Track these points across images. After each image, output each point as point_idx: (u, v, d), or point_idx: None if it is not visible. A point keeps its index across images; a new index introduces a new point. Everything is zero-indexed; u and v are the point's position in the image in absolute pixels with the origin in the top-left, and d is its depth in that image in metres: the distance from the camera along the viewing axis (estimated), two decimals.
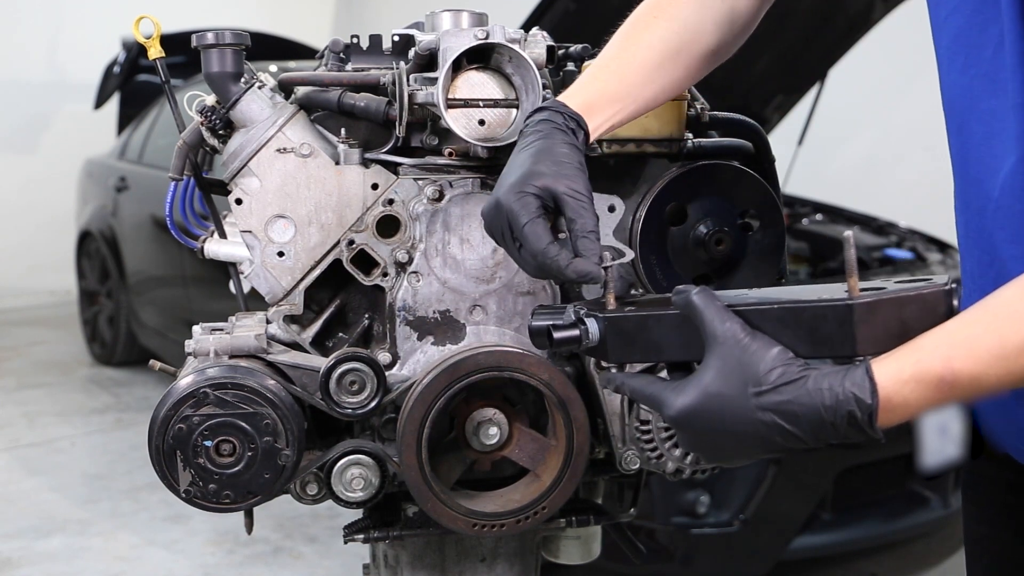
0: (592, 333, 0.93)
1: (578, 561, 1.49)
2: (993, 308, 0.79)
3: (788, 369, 0.82)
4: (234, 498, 1.16)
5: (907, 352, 0.80)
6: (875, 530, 2.90)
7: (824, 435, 0.81)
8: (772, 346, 0.84)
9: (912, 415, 0.80)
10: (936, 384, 0.78)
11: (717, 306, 0.86)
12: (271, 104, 1.24)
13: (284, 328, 1.25)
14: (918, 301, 0.82)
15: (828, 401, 0.80)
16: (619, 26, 1.21)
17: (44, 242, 7.77)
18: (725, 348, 0.84)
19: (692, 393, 0.85)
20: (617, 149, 1.19)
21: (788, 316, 0.85)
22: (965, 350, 0.77)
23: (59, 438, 4.61)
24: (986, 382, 0.78)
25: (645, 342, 0.91)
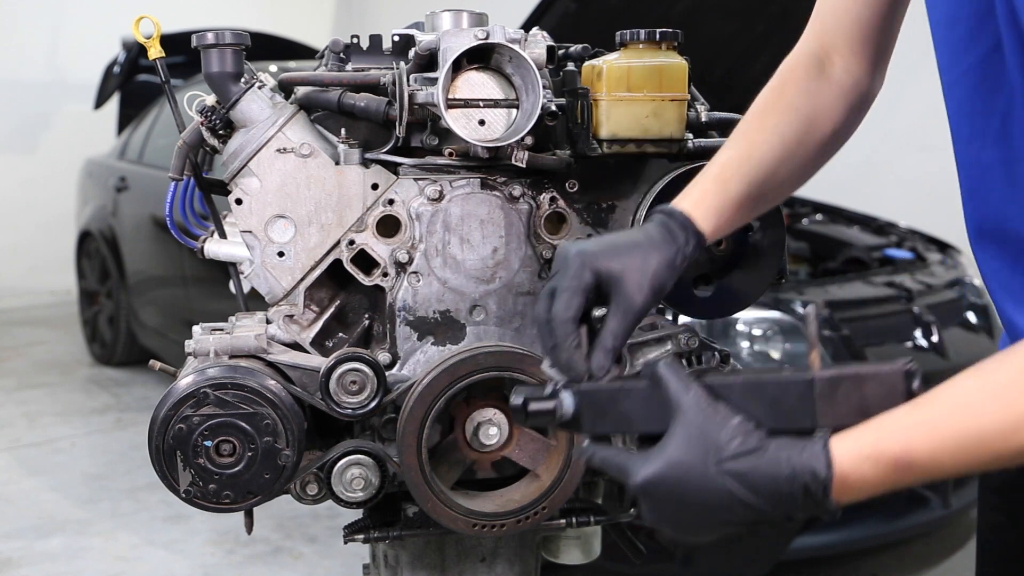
0: (566, 406, 0.95)
1: (578, 561, 1.49)
2: (955, 395, 0.80)
3: (748, 439, 0.84)
4: (234, 498, 1.16)
5: (867, 431, 0.81)
6: (875, 530, 2.90)
7: (783, 506, 0.82)
8: (734, 415, 0.85)
9: (869, 493, 0.82)
10: (893, 465, 0.80)
11: (681, 377, 0.88)
12: (271, 104, 1.24)
13: (284, 328, 1.25)
14: (877, 379, 0.85)
15: (785, 472, 0.81)
16: (619, 26, 1.21)
17: (44, 242, 7.77)
18: (688, 417, 0.86)
19: (655, 462, 0.86)
20: (617, 149, 1.19)
21: (751, 389, 0.87)
22: (924, 435, 0.79)
23: (59, 438, 4.61)
24: (942, 467, 0.79)
25: (616, 414, 0.94)
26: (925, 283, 3.31)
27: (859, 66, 1.15)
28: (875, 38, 1.14)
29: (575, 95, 1.21)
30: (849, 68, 1.14)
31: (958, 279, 3.48)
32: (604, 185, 1.28)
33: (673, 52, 1.20)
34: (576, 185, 1.27)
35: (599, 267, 0.96)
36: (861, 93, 1.15)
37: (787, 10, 3.47)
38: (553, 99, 1.20)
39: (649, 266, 0.98)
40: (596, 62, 1.19)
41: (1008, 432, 0.77)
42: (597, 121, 1.19)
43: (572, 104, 1.22)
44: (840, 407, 0.85)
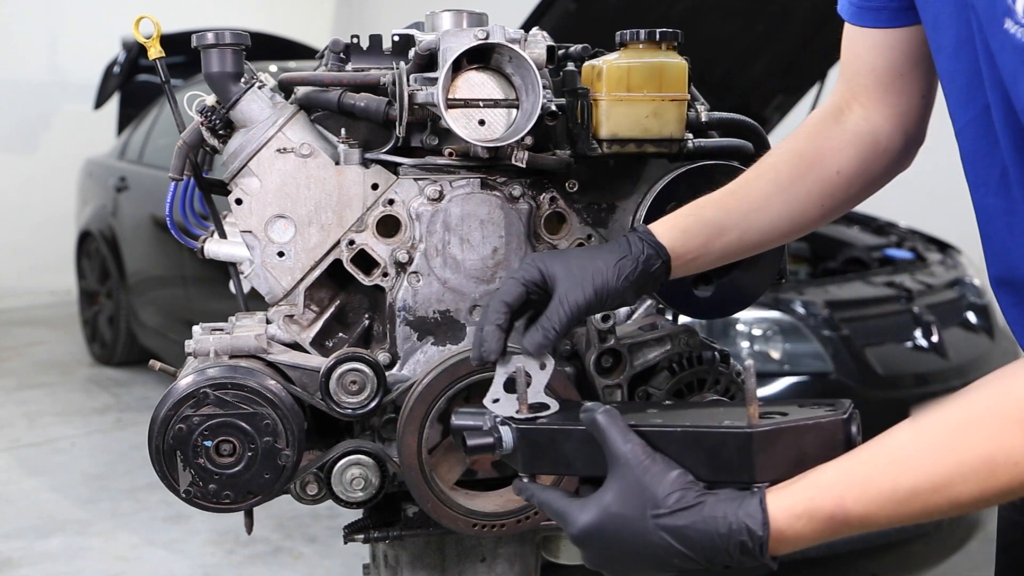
0: (505, 443, 0.95)
1: (578, 561, 1.48)
2: (889, 450, 0.81)
3: (686, 494, 0.85)
4: (234, 498, 1.16)
5: (803, 487, 0.82)
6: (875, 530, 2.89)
7: (718, 560, 0.84)
8: (672, 469, 0.86)
9: (803, 546, 0.84)
10: (827, 521, 0.81)
11: (620, 427, 0.88)
12: (271, 104, 1.24)
13: (284, 328, 1.25)
14: (816, 430, 0.86)
15: (722, 529, 0.82)
16: (619, 26, 1.21)
17: (44, 242, 7.77)
18: (626, 469, 0.87)
19: (592, 512, 0.88)
20: (617, 149, 1.19)
21: (690, 440, 0.88)
22: (858, 491, 0.80)
23: (59, 438, 4.61)
24: (876, 521, 0.80)
25: (555, 455, 0.94)
26: (925, 283, 3.31)
27: (878, 114, 1.14)
28: (896, 86, 1.12)
29: (575, 95, 1.21)
30: (868, 116, 1.14)
31: (958, 279, 3.48)
32: (604, 185, 1.28)
33: (673, 52, 1.20)
34: (576, 185, 1.27)
35: (544, 265, 1.02)
36: (877, 141, 1.14)
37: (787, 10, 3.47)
38: (553, 99, 1.20)
39: (592, 265, 1.02)
40: (596, 62, 1.19)
41: (941, 487, 0.78)
42: (597, 121, 1.19)
43: (572, 104, 1.22)
44: (779, 459, 0.85)
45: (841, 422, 0.86)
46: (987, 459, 0.77)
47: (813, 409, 0.89)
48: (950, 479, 0.77)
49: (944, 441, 0.79)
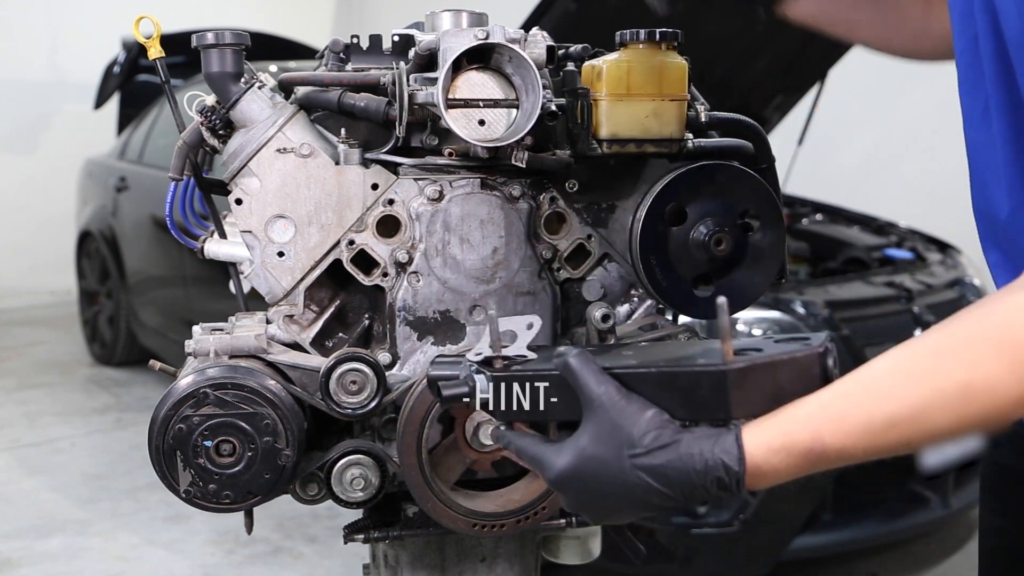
0: (480, 391, 0.94)
1: (578, 561, 1.49)
2: (865, 381, 0.81)
3: (662, 433, 0.84)
4: (234, 498, 1.16)
5: (779, 422, 0.82)
6: (875, 530, 2.90)
7: (696, 496, 0.84)
8: (647, 409, 0.86)
9: (780, 480, 0.83)
10: (804, 455, 0.81)
11: (593, 369, 0.88)
12: (271, 104, 1.24)
13: (284, 328, 1.25)
14: (791, 365, 0.85)
15: (699, 466, 0.82)
16: (619, 26, 1.21)
17: (44, 242, 7.77)
18: (601, 411, 0.86)
19: (570, 456, 0.88)
20: (617, 149, 1.19)
21: (664, 380, 0.87)
22: (834, 424, 0.80)
23: (59, 438, 4.61)
24: (852, 453, 0.80)
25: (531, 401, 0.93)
26: (925, 283, 3.31)
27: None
28: None
29: (575, 95, 1.21)
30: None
31: (958, 279, 3.48)
32: (604, 185, 1.28)
33: (673, 52, 1.20)
34: (576, 185, 1.27)
35: None
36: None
37: None
38: (553, 99, 1.19)
39: None
40: (596, 62, 1.19)
41: (918, 416, 0.78)
42: (597, 121, 1.19)
43: (572, 104, 1.22)
44: (754, 396, 0.84)
45: (817, 356, 0.85)
46: (964, 386, 0.76)
47: (788, 344, 0.88)
48: (926, 408, 0.77)
49: (920, 370, 0.79)
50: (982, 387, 0.76)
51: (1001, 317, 0.78)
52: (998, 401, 0.76)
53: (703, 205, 1.23)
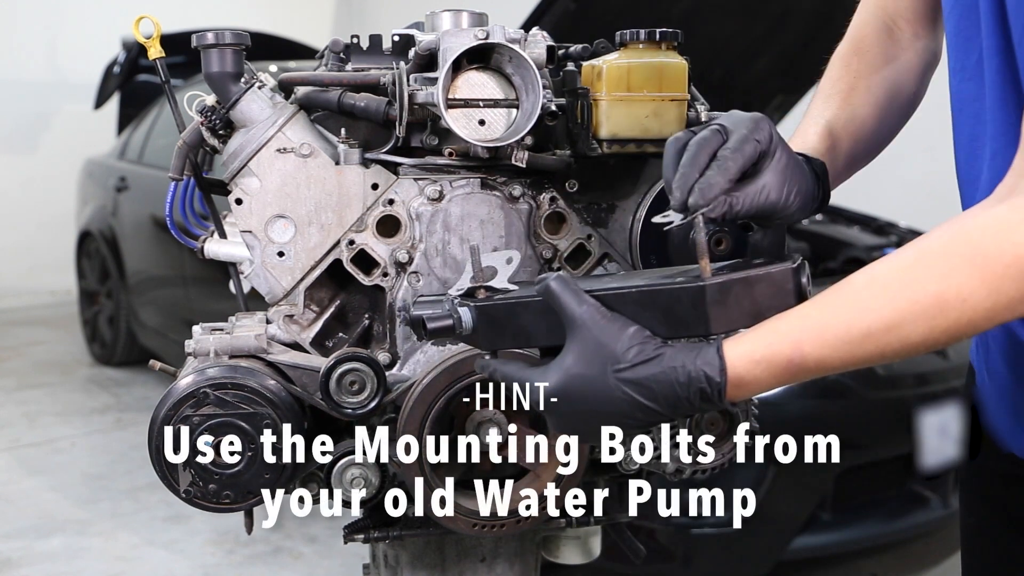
0: (465, 322, 0.96)
1: (578, 561, 1.49)
2: (844, 294, 0.84)
3: (644, 348, 0.86)
4: (234, 498, 1.16)
5: (760, 334, 0.85)
6: (875, 530, 2.89)
7: (681, 408, 0.86)
8: (628, 326, 0.88)
9: (762, 391, 0.86)
10: (785, 365, 0.83)
11: (574, 290, 0.90)
12: (271, 104, 1.24)
13: (284, 328, 1.25)
14: (767, 280, 0.87)
15: (681, 378, 0.85)
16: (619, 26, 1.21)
17: (44, 242, 7.77)
18: (583, 330, 0.88)
19: (555, 376, 0.89)
20: (617, 149, 1.19)
21: (644, 299, 0.89)
22: (814, 335, 0.82)
23: (59, 438, 4.61)
24: (831, 364, 0.83)
25: (514, 328, 0.95)
26: None
27: (925, 30, 1.19)
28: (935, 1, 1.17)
29: (575, 95, 1.21)
30: (917, 33, 1.19)
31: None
32: (604, 185, 1.28)
33: (673, 52, 1.20)
34: (576, 185, 1.27)
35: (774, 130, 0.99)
36: (933, 54, 1.19)
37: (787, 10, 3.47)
38: (553, 99, 1.20)
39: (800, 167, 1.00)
40: (596, 62, 1.19)
41: (893, 327, 0.80)
42: (597, 121, 1.19)
43: (572, 104, 1.22)
44: (732, 311, 0.87)
45: (791, 271, 0.88)
46: (936, 297, 0.79)
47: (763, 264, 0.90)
48: (902, 319, 0.80)
49: (896, 282, 0.81)
50: (954, 298, 0.78)
51: (975, 231, 0.80)
52: (970, 313, 0.79)
53: None
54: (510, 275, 1.00)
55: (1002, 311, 0.79)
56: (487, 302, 0.96)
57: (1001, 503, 1.14)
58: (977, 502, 1.20)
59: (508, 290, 0.98)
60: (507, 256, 1.00)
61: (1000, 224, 0.79)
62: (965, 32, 1.00)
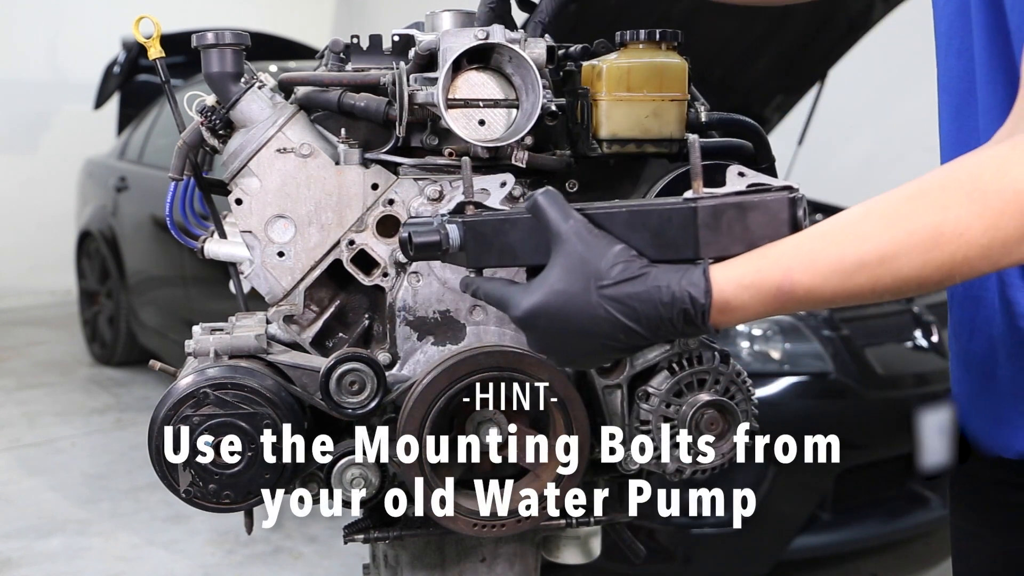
0: (452, 239, 0.94)
1: (578, 561, 1.49)
2: (839, 224, 0.82)
3: (629, 265, 0.85)
4: (234, 498, 1.16)
5: (751, 259, 0.83)
6: (875, 530, 2.90)
7: (663, 331, 0.84)
8: (614, 244, 0.86)
9: (749, 319, 0.84)
10: (774, 293, 0.81)
11: (561, 205, 0.88)
12: (271, 104, 1.24)
13: (284, 328, 1.25)
14: (761, 207, 0.85)
15: (665, 298, 0.83)
16: (619, 26, 1.21)
17: (44, 242, 7.77)
18: (568, 246, 0.86)
19: (537, 292, 0.87)
20: (617, 149, 1.19)
21: (634, 219, 0.87)
22: (806, 263, 0.80)
23: (59, 438, 4.62)
24: (821, 294, 0.81)
25: (501, 246, 0.93)
26: None
27: None
28: None
29: (575, 95, 1.21)
30: None
31: None
32: (604, 185, 1.28)
33: (673, 52, 1.20)
34: (576, 185, 1.27)
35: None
36: None
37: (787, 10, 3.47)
38: (553, 99, 1.19)
39: None
40: (596, 62, 1.19)
41: (887, 258, 0.78)
42: (597, 121, 1.19)
43: (572, 104, 1.22)
44: (723, 236, 0.84)
45: (788, 200, 0.86)
46: (933, 229, 0.77)
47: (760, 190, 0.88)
48: (896, 250, 0.78)
49: (893, 213, 0.80)
50: (951, 232, 0.77)
51: (975, 167, 0.79)
52: (965, 248, 0.77)
53: None
54: (502, 197, 0.98)
55: (998, 249, 0.77)
56: (475, 218, 0.94)
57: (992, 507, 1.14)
58: (968, 507, 1.20)
59: (498, 210, 0.96)
60: (501, 180, 0.98)
61: (1001, 161, 0.78)
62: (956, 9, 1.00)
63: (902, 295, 0.82)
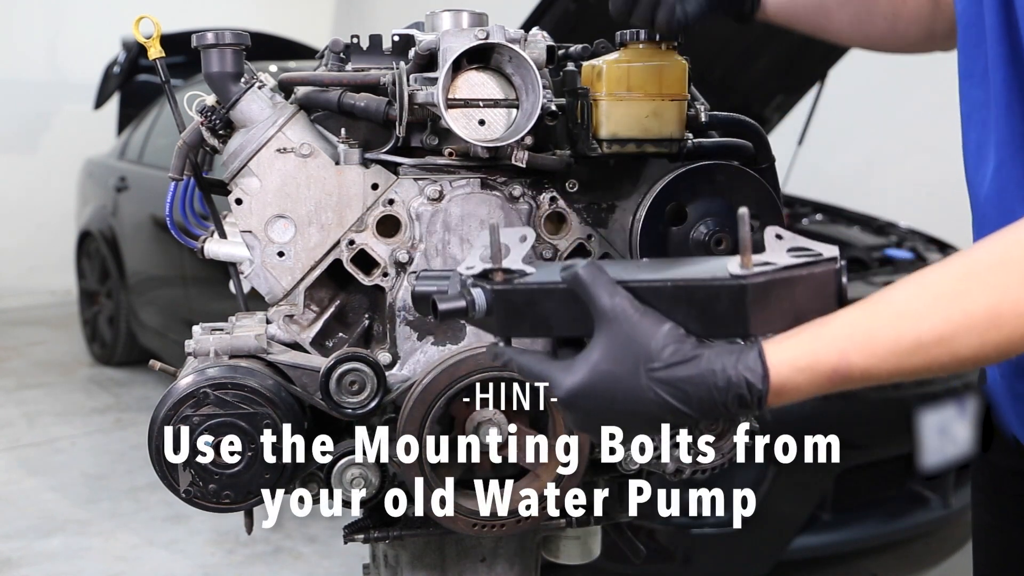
0: (479, 305, 0.89)
1: (578, 561, 1.49)
2: (891, 302, 0.80)
3: (681, 347, 0.82)
4: (234, 498, 1.16)
5: (804, 340, 0.81)
6: (875, 530, 2.90)
7: (713, 413, 0.82)
8: (663, 323, 0.83)
9: (802, 399, 0.82)
10: (829, 375, 0.79)
11: (605, 281, 0.85)
12: (271, 104, 1.24)
13: (284, 328, 1.25)
14: (809, 281, 0.83)
15: (720, 383, 0.80)
16: (619, 26, 1.21)
17: (44, 242, 7.77)
18: (615, 325, 0.83)
19: (581, 372, 0.84)
20: (617, 149, 1.19)
21: (680, 294, 0.83)
22: (862, 344, 0.79)
23: (59, 438, 4.61)
24: (877, 375, 0.79)
25: (534, 316, 0.88)
26: None
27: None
28: None
29: (575, 95, 1.21)
30: None
31: None
32: (604, 185, 1.28)
33: (673, 52, 1.20)
34: (576, 185, 1.27)
35: None
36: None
37: None
38: (553, 99, 1.20)
39: None
40: (596, 62, 1.19)
41: (945, 339, 0.77)
42: (597, 121, 1.19)
43: (572, 104, 1.22)
44: (772, 312, 0.82)
45: (834, 272, 0.83)
46: (990, 310, 0.76)
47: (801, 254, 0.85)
48: (954, 331, 0.77)
49: (948, 293, 0.78)
50: (1009, 312, 0.76)
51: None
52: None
53: (703, 205, 1.23)
54: (524, 254, 0.93)
55: None
56: (506, 286, 0.89)
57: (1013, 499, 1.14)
58: (989, 498, 1.20)
59: (523, 271, 0.91)
60: (521, 234, 0.93)
61: None
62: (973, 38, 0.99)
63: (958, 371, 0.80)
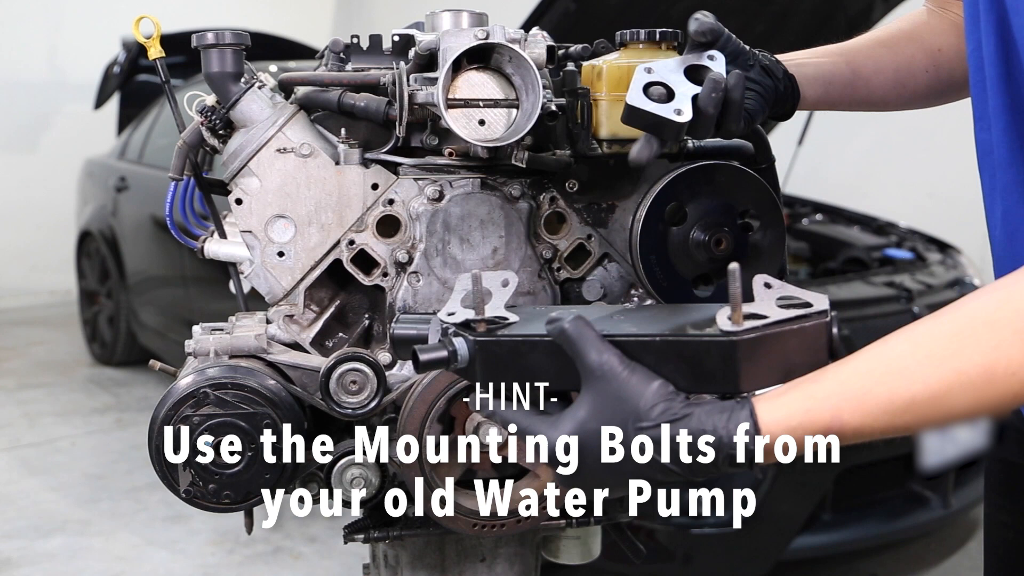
0: (461, 356, 0.88)
1: (578, 561, 1.48)
2: (883, 360, 0.79)
3: (671, 406, 0.80)
4: (234, 498, 1.16)
5: (797, 399, 0.79)
6: (875, 530, 2.90)
7: (704, 472, 0.81)
8: (652, 380, 0.82)
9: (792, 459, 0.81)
10: (822, 433, 0.79)
11: (592, 336, 0.83)
12: (271, 104, 1.24)
13: (284, 328, 1.25)
14: (800, 335, 0.82)
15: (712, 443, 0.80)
16: (619, 26, 1.21)
17: (44, 242, 7.77)
18: (602, 382, 0.82)
19: (568, 429, 0.83)
20: (617, 149, 1.19)
21: (669, 349, 0.82)
22: (855, 403, 0.78)
23: (59, 438, 4.61)
24: (870, 433, 0.79)
25: (517, 367, 0.87)
26: (925, 283, 3.31)
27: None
28: None
29: (575, 95, 1.21)
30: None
31: (958, 279, 3.48)
32: (604, 185, 1.28)
33: (673, 52, 1.20)
34: (576, 185, 1.27)
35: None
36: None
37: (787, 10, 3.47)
38: (553, 99, 1.20)
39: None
40: (596, 62, 1.19)
41: (938, 397, 0.76)
42: (597, 121, 1.19)
43: (572, 104, 1.22)
44: (762, 367, 0.81)
45: (824, 325, 0.82)
46: (984, 369, 0.76)
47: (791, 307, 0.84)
48: (948, 390, 0.76)
49: (941, 351, 0.77)
50: (1003, 371, 0.75)
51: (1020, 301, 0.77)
52: (1018, 386, 0.75)
53: (703, 205, 1.23)
54: (506, 300, 0.91)
55: None
56: (489, 337, 0.88)
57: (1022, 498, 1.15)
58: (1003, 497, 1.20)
59: (506, 319, 0.90)
60: (502, 278, 0.91)
61: None
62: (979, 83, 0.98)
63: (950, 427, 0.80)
